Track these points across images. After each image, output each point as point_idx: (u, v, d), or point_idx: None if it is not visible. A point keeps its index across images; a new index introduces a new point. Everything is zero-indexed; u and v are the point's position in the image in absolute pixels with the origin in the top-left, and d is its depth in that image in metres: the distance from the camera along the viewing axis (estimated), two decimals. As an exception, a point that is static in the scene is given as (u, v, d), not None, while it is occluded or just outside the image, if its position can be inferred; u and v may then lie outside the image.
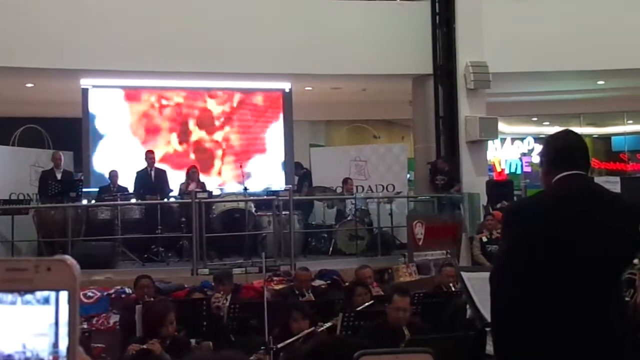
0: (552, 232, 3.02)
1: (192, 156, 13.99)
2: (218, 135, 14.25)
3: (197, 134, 14.16)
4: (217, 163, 14.20)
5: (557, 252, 3.00)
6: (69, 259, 0.91)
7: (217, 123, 14.25)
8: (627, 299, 4.57)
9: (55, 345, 0.87)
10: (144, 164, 12.10)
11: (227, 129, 14.30)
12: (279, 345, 5.40)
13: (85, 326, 7.90)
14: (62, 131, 14.86)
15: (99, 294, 8.75)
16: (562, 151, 3.18)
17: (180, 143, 14.05)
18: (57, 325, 0.88)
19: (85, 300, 8.53)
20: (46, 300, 0.88)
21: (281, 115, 14.52)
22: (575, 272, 3.00)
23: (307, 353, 2.66)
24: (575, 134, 3.34)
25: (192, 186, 11.78)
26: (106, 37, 12.21)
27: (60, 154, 12.22)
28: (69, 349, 0.88)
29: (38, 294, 0.88)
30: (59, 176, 11.82)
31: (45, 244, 10.84)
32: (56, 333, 0.88)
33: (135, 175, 12.12)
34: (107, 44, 12.21)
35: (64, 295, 0.88)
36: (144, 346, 5.06)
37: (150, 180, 11.95)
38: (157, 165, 12.32)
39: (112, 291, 8.88)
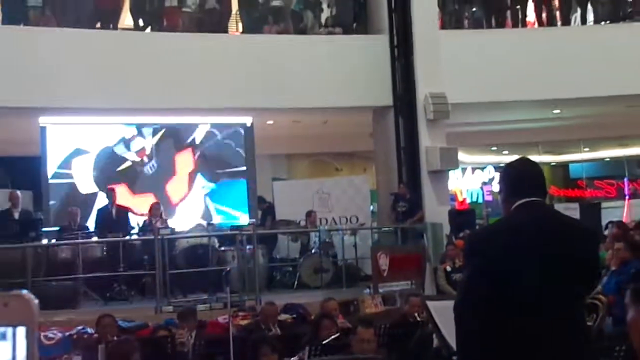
0: (511, 259, 3.06)
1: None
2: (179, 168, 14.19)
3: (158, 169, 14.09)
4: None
5: (516, 279, 3.03)
6: (26, 294, 0.90)
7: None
8: (589, 323, 4.63)
9: None
10: (105, 202, 11.99)
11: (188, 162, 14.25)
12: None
13: (46, 368, 7.73)
14: (21, 170, 14.65)
15: (60, 334, 8.57)
16: (519, 179, 3.25)
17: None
18: None
19: (47, 342, 8.35)
20: (3, 336, 0.87)
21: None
22: (535, 297, 3.04)
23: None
24: (531, 161, 3.42)
25: (155, 222, 11.68)
26: (65, 74, 12.12)
27: (17, 193, 12.01)
28: None
29: None
30: (16, 216, 11.61)
31: (3, 285, 10.61)
32: None
33: (96, 212, 11.98)
34: (65, 82, 12.11)
35: (21, 330, 0.87)
36: (108, 387, 4.97)
37: (112, 218, 11.81)
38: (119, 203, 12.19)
39: (73, 331, 8.71)
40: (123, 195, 12.84)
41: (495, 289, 3.03)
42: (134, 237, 11.79)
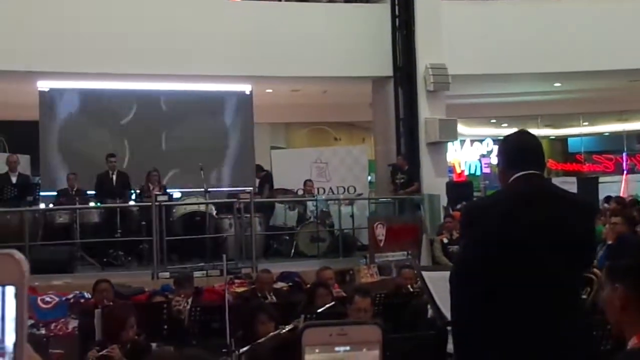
0: (507, 230, 3.06)
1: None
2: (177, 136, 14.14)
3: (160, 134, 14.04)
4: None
5: (512, 250, 3.04)
6: (16, 253, 0.89)
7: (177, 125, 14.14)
8: (584, 297, 4.65)
9: (2, 341, 0.85)
10: (104, 168, 11.99)
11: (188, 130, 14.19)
12: (241, 350, 5.36)
13: (43, 331, 7.78)
14: (19, 134, 14.62)
15: (57, 299, 8.61)
16: (517, 151, 3.23)
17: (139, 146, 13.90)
18: (4, 321, 0.86)
19: (44, 306, 8.40)
20: None
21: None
22: (530, 269, 3.05)
23: (271, 348, 2.66)
24: (530, 134, 3.40)
25: (152, 189, 11.67)
26: (64, 39, 12.05)
27: (15, 157, 11.99)
28: (16, 345, 0.86)
29: None
30: (14, 180, 11.59)
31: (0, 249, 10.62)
32: (2, 329, 0.86)
33: (96, 178, 11.99)
34: (64, 46, 12.05)
35: (10, 290, 0.86)
36: (103, 352, 5.00)
37: (112, 184, 11.82)
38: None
39: (70, 296, 8.75)
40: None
41: (489, 259, 3.04)
42: (132, 203, 11.78)
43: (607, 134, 22.32)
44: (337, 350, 1.09)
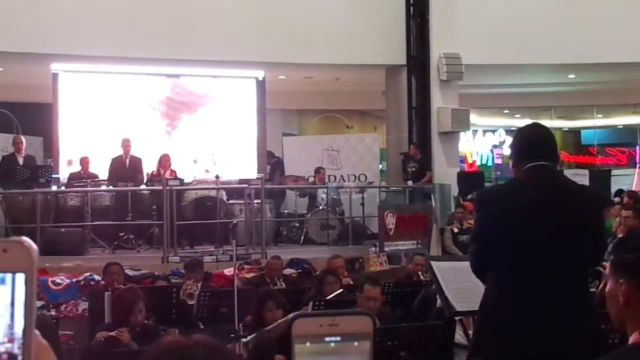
0: (517, 217, 3.11)
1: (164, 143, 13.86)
2: (189, 121, 14.15)
3: (166, 120, 14.05)
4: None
5: (521, 236, 3.09)
6: (26, 240, 0.89)
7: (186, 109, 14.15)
8: (593, 289, 4.64)
9: (11, 326, 0.86)
10: (118, 152, 12.02)
11: (198, 115, 14.20)
12: (248, 337, 5.37)
13: (53, 313, 7.84)
14: (32, 116, 14.67)
15: (67, 280, 8.66)
16: (529, 143, 3.27)
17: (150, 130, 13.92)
18: (13, 307, 0.86)
19: (54, 287, 8.45)
20: (2, 281, 0.87)
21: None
22: (539, 256, 3.08)
23: (277, 335, 2.67)
24: (543, 126, 3.46)
25: (164, 173, 11.70)
26: (78, 21, 12.06)
27: (21, 138, 11.96)
28: (24, 331, 0.86)
29: None
30: (20, 161, 11.60)
31: (13, 230, 10.72)
32: (12, 314, 0.86)
33: (110, 161, 12.03)
34: (78, 29, 12.06)
35: (20, 277, 0.87)
36: (112, 333, 5.02)
37: (125, 168, 11.86)
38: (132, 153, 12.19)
39: (81, 278, 8.80)
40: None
41: (500, 243, 3.09)
42: (143, 187, 11.81)
43: (620, 126, 22.19)
44: (327, 341, 1.06)
